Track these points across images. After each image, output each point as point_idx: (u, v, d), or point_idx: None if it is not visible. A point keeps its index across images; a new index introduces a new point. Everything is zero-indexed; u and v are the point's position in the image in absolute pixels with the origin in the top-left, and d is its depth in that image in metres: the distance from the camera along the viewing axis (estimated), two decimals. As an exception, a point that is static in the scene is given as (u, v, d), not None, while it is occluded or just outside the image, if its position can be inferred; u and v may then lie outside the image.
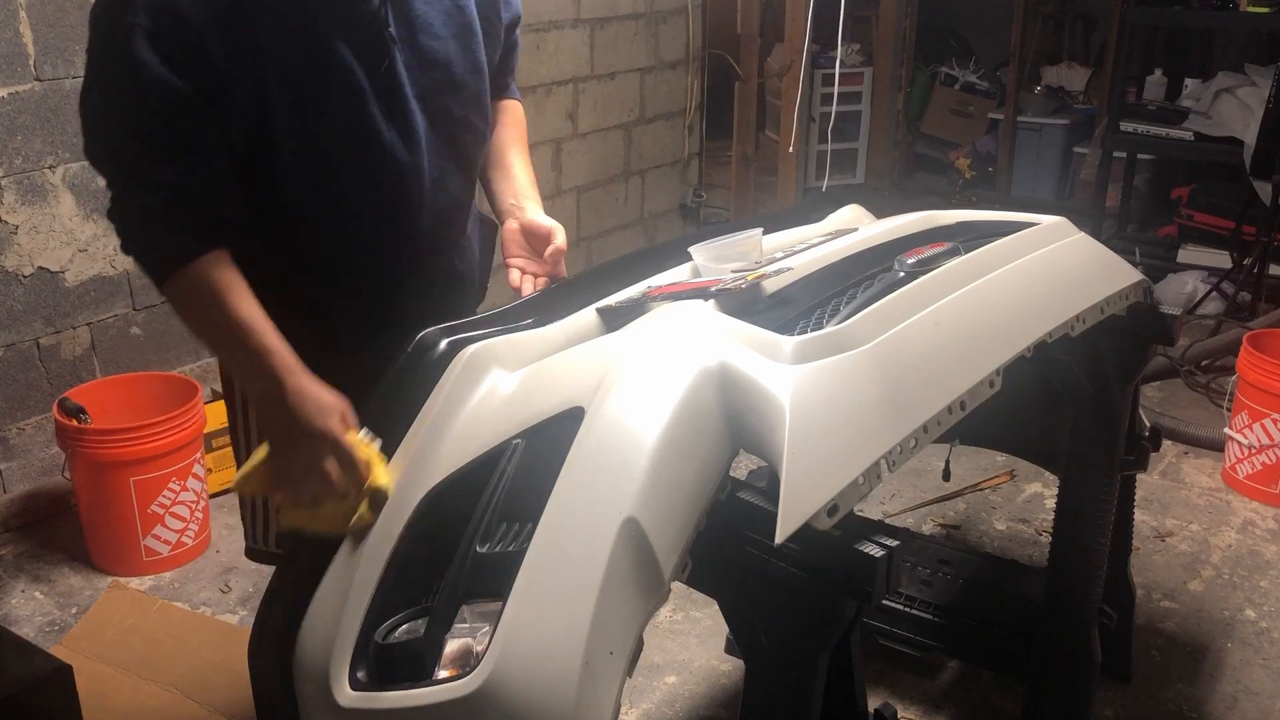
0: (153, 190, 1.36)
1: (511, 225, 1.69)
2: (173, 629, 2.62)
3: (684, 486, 1.17)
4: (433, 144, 1.53)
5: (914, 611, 2.30)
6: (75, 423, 2.77)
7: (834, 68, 5.10)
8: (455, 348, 1.35)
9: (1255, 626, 2.64)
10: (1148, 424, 2.20)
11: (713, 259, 1.61)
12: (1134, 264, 2.10)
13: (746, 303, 1.43)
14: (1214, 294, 4.48)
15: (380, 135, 1.47)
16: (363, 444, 1.29)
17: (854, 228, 1.92)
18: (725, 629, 2.43)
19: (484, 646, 1.12)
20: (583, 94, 4.49)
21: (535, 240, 1.67)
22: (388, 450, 1.32)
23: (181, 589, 2.82)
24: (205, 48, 1.33)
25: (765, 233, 1.72)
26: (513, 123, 1.78)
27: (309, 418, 1.30)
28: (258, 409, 1.41)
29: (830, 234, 1.88)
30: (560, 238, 1.65)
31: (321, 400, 1.32)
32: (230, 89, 1.36)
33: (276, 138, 1.41)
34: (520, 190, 1.71)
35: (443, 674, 1.14)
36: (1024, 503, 3.21)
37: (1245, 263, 4.40)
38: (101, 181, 1.42)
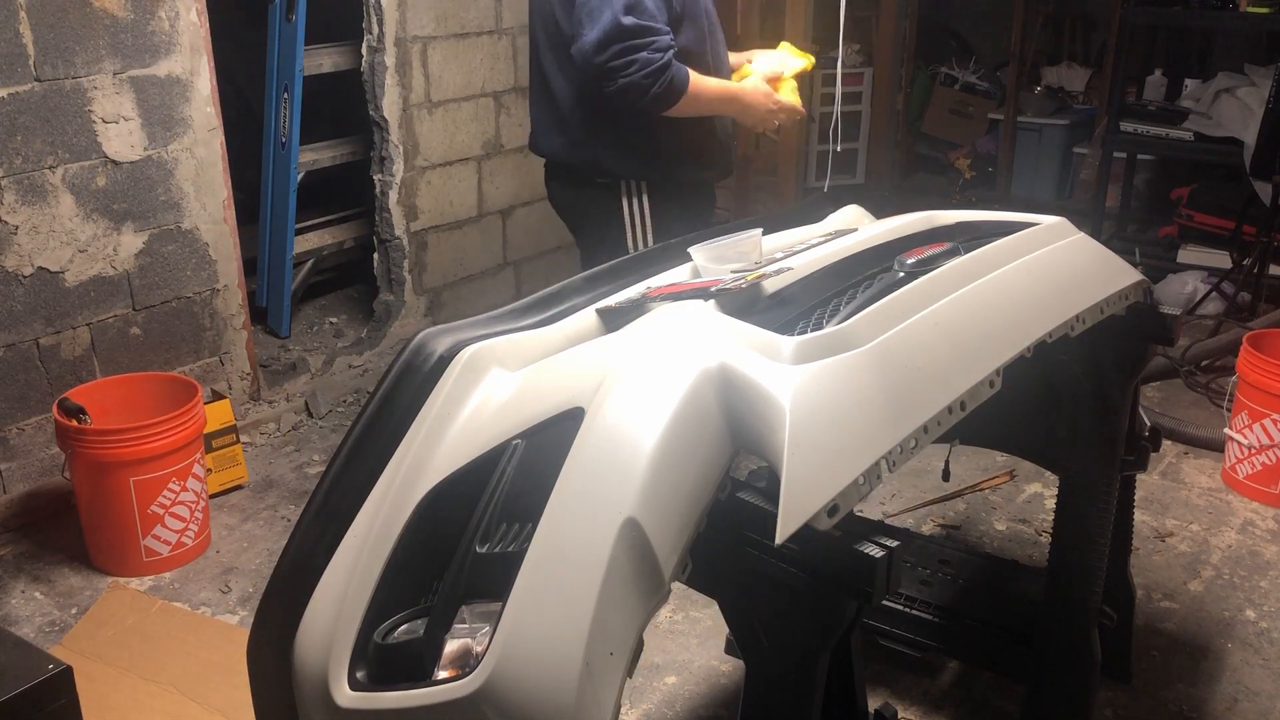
0: (663, 50, 2.45)
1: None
2: (173, 629, 2.62)
3: (684, 487, 1.17)
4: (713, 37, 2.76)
5: (914, 611, 2.30)
6: (75, 423, 2.77)
7: (834, 68, 5.09)
8: (455, 348, 1.35)
9: (1255, 626, 2.64)
10: (1148, 424, 2.20)
11: (713, 259, 1.61)
12: (1134, 264, 2.10)
13: (746, 303, 1.44)
14: (1214, 294, 4.48)
15: (713, 31, 2.74)
16: (788, 90, 2.80)
17: (854, 228, 1.92)
18: (725, 629, 2.43)
19: (484, 647, 1.12)
20: (583, 94, 4.50)
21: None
22: (387, 451, 1.32)
23: (181, 589, 2.82)
24: None
25: (765, 233, 1.72)
26: None
27: (765, 99, 2.72)
28: (746, 109, 2.70)
29: (830, 234, 1.88)
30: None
31: (760, 89, 2.71)
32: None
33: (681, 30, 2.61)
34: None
35: (442, 674, 1.14)
36: (1024, 503, 3.21)
37: (1245, 263, 4.40)
38: (101, 181, 1.43)
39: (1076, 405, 1.95)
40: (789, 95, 2.78)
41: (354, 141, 4.31)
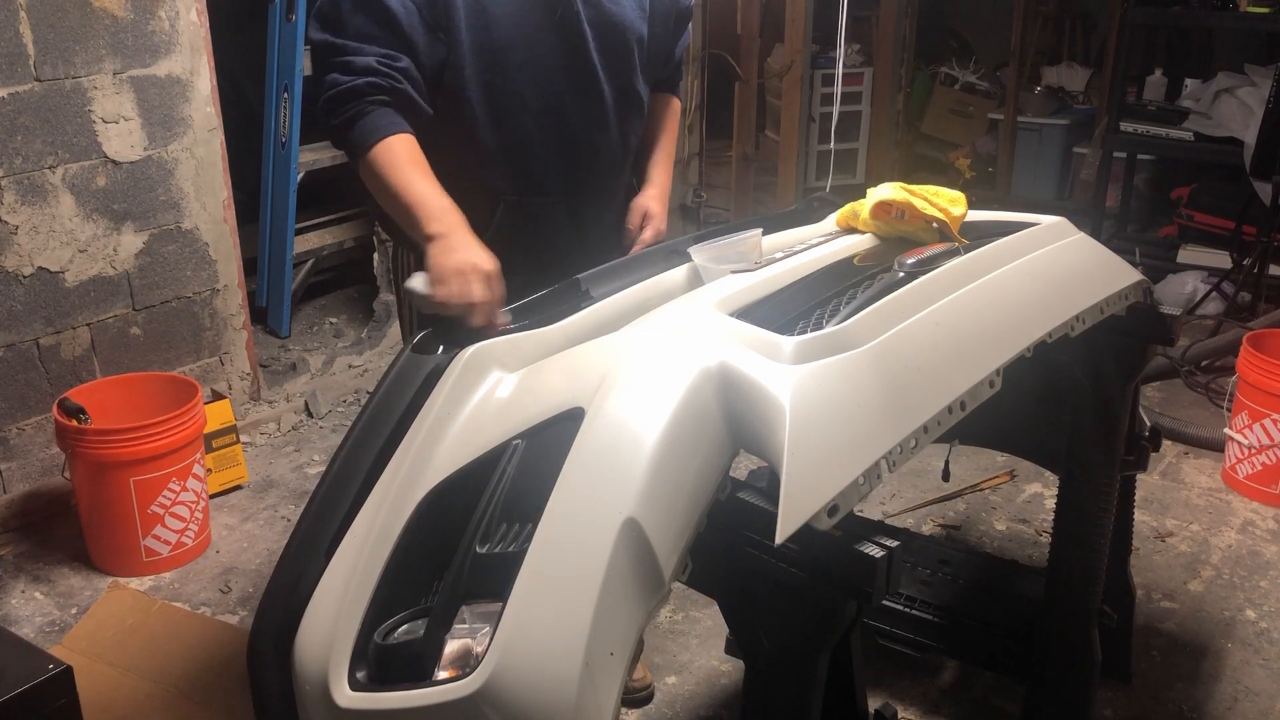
0: (354, 74, 1.71)
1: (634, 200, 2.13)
2: (173, 629, 2.62)
3: (684, 487, 1.17)
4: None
5: (914, 611, 2.30)
6: (75, 423, 2.77)
7: (834, 68, 5.09)
8: (455, 348, 1.35)
9: (1255, 626, 2.64)
10: (1148, 424, 2.20)
11: (713, 259, 1.61)
12: (1134, 264, 2.10)
13: (746, 303, 1.43)
14: (1214, 294, 4.48)
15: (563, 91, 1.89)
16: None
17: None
18: (725, 629, 2.43)
19: (484, 647, 1.12)
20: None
21: (636, 216, 2.11)
22: (387, 451, 1.32)
23: (181, 589, 2.82)
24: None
25: (765, 233, 1.72)
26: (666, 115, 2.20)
27: (457, 264, 1.61)
28: (429, 251, 1.66)
29: (830, 234, 1.88)
30: (651, 228, 2.09)
31: (470, 256, 1.63)
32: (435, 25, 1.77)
33: (467, 88, 1.82)
34: (648, 176, 2.16)
35: (442, 675, 1.14)
36: (1024, 503, 3.21)
37: (1245, 263, 4.39)
38: (101, 181, 1.44)
39: (1076, 405, 1.95)
40: None
41: (354, 141, 4.30)
